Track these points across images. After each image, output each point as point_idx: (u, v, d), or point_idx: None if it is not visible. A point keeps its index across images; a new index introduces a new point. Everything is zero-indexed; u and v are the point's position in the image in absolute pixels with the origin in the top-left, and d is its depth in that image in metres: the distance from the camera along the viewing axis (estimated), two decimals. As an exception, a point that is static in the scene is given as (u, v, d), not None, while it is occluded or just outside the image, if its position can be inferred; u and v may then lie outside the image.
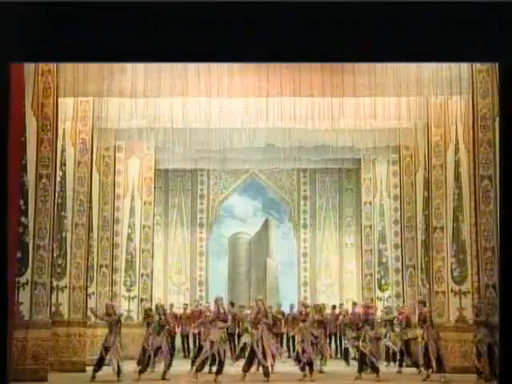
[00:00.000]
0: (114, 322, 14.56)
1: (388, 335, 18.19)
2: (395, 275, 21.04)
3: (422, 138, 17.75)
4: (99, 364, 14.24)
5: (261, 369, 15.28)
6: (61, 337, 16.21)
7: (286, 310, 21.61)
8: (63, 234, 16.64)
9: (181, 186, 25.75)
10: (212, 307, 16.35)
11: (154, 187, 22.55)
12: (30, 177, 14.30)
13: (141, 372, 14.55)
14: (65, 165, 16.92)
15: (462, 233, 16.19)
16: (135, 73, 16.01)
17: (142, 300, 21.50)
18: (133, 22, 9.22)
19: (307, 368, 15.22)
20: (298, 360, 15.48)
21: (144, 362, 14.73)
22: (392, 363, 18.50)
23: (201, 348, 15.67)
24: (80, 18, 9.16)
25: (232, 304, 20.78)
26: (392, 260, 21.41)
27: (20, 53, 9.69)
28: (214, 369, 14.90)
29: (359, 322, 16.23)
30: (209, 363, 15.23)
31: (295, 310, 21.07)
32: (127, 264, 21.47)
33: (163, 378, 14.62)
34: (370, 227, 22.42)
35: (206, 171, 25.59)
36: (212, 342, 14.81)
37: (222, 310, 15.25)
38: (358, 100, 16.82)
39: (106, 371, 14.54)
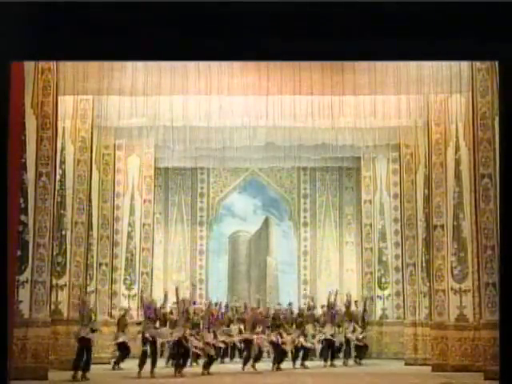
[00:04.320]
0: None
1: None
2: (395, 273, 21.06)
3: (422, 136, 17.77)
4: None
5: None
6: (61, 335, 16.22)
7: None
8: (63, 233, 16.65)
9: (181, 184, 25.71)
10: None
11: (154, 185, 22.57)
12: (30, 175, 14.30)
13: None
14: (64, 163, 16.93)
15: (462, 231, 16.19)
16: (135, 71, 16.04)
17: (141, 298, 21.48)
18: (133, 21, 9.22)
19: None
20: None
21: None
22: None
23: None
24: (80, 18, 9.16)
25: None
26: (392, 258, 21.43)
27: (20, 51, 9.68)
28: None
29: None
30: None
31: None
32: (127, 262, 21.47)
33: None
34: (370, 225, 22.43)
35: (206, 169, 25.56)
36: None
37: None
38: (358, 98, 16.84)
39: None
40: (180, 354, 15.44)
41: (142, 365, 15.11)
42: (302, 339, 17.72)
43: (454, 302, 16.09)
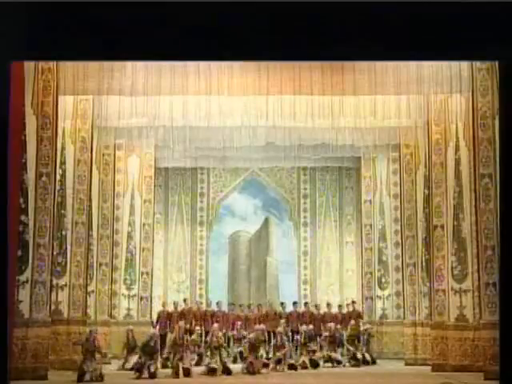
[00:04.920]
0: None
1: None
2: (395, 273, 21.03)
3: (422, 136, 17.75)
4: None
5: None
6: (61, 335, 16.21)
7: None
8: (63, 233, 16.64)
9: (181, 184, 25.72)
10: None
11: (154, 185, 22.55)
12: (30, 175, 14.29)
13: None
14: (65, 163, 16.92)
15: (462, 231, 16.18)
16: (135, 71, 16.05)
17: (141, 298, 21.52)
18: (133, 21, 9.22)
19: None
20: None
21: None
22: None
23: None
24: (80, 18, 9.16)
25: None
26: (392, 258, 21.39)
27: (20, 51, 9.68)
28: None
29: None
30: None
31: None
32: (127, 262, 21.47)
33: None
34: (370, 225, 22.40)
35: (206, 169, 25.58)
36: None
37: None
38: (358, 98, 16.85)
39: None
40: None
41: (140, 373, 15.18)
42: (306, 358, 17.75)
43: (454, 302, 16.08)
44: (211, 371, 15.63)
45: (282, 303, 21.79)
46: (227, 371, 15.80)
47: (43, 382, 13.54)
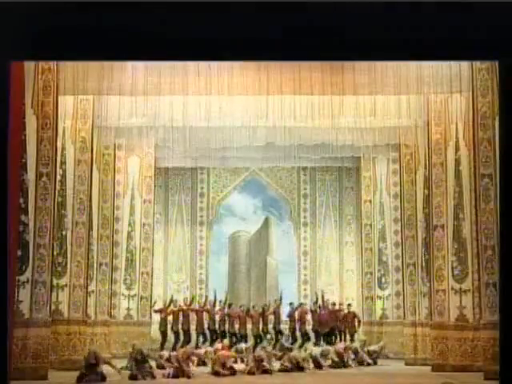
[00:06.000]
0: None
1: None
2: (395, 274, 21.05)
3: (422, 136, 17.76)
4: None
5: None
6: (61, 335, 16.21)
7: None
8: (63, 233, 16.64)
9: (181, 184, 25.73)
10: None
11: (154, 185, 22.57)
12: (30, 175, 14.30)
13: None
14: (65, 163, 16.92)
15: (462, 231, 16.19)
16: (135, 71, 16.08)
17: (141, 298, 21.53)
18: (133, 21, 9.22)
19: None
20: None
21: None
22: None
23: None
24: (80, 18, 9.16)
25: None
26: (392, 258, 21.41)
27: (20, 51, 9.68)
28: None
29: None
30: None
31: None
32: (127, 262, 21.49)
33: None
34: (370, 225, 22.43)
35: (206, 169, 25.60)
36: None
37: None
38: (358, 98, 16.87)
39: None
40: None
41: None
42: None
43: (454, 302, 16.09)
44: (215, 374, 15.62)
45: (290, 303, 21.81)
46: (232, 371, 15.81)
47: (43, 382, 13.55)
